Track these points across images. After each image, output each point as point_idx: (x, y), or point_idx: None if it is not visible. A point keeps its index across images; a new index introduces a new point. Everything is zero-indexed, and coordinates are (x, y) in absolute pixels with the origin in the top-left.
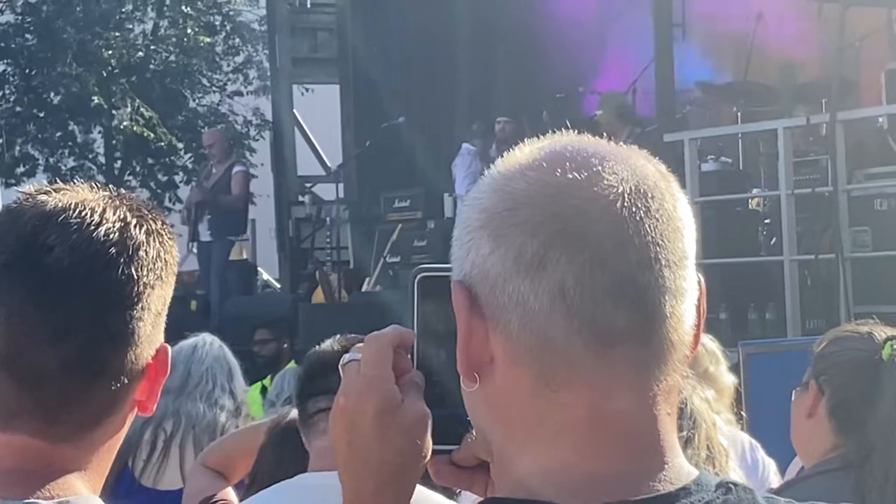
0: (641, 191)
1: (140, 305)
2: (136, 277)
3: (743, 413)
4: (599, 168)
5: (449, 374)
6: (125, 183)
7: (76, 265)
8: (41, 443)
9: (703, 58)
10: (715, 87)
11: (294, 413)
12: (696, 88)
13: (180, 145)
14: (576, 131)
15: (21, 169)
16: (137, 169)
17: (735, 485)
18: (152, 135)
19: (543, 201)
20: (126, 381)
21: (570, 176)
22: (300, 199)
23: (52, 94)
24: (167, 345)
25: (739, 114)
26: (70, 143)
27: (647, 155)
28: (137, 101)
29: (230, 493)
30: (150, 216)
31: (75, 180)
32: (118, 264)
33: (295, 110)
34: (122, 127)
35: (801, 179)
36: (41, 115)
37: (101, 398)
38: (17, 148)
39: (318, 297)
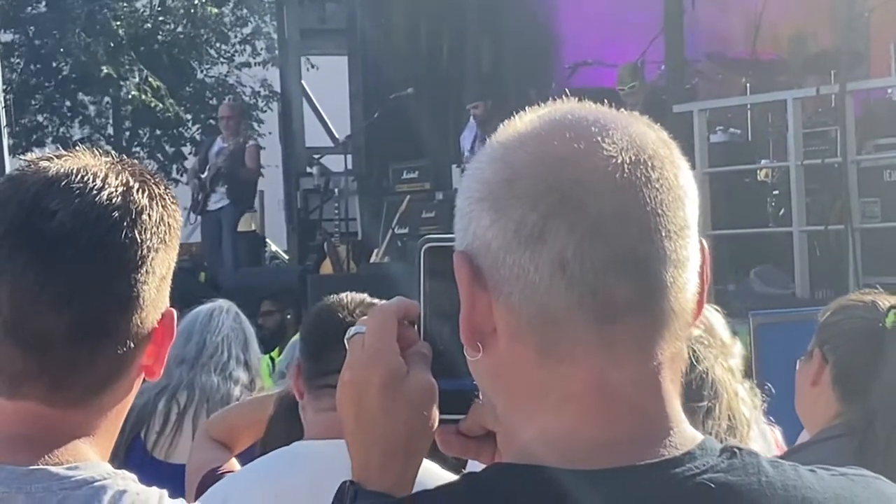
0: (641, 160)
1: (144, 269)
2: (139, 241)
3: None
4: (599, 138)
5: (456, 344)
6: (133, 154)
7: (79, 230)
8: (48, 409)
9: (712, 28)
10: (724, 57)
11: None
12: (704, 59)
13: (188, 116)
14: (578, 100)
15: (30, 139)
16: (145, 140)
17: (740, 449)
18: (160, 105)
19: (543, 173)
20: (132, 345)
21: (569, 146)
22: (308, 170)
23: (60, 65)
24: (173, 309)
25: (748, 85)
26: (78, 114)
27: (648, 122)
28: (146, 71)
29: (235, 464)
30: (152, 181)
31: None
32: (121, 228)
33: (303, 81)
34: (129, 97)
35: (811, 150)
36: (49, 85)
37: (107, 363)
38: (26, 118)
39: (327, 268)
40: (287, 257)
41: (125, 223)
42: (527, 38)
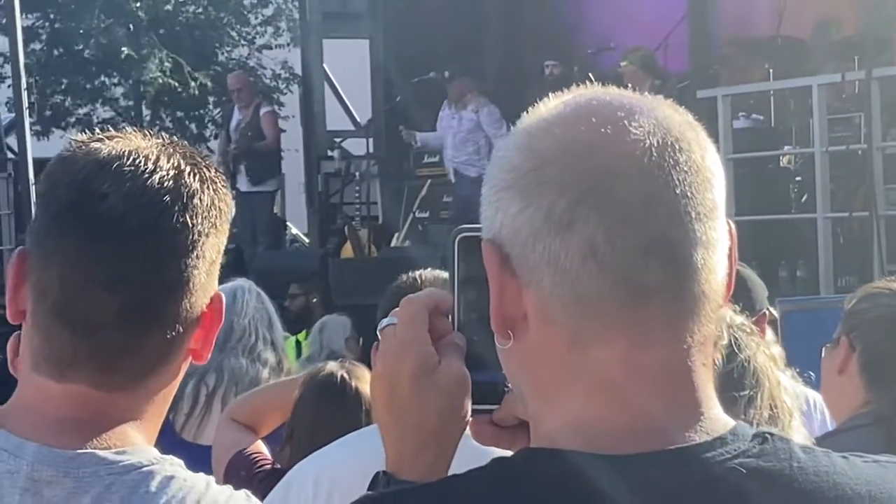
0: (668, 143)
1: (195, 253)
2: (190, 225)
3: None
4: (625, 122)
5: (490, 335)
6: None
7: (130, 213)
8: (96, 392)
9: (735, 13)
10: (747, 43)
11: (330, 366)
12: (727, 44)
13: (211, 98)
14: (601, 85)
15: (53, 121)
16: (167, 122)
17: (772, 434)
18: (183, 83)
19: (570, 159)
20: (181, 329)
21: (596, 131)
22: (329, 153)
23: (81, 48)
24: (221, 293)
25: (771, 71)
26: (100, 96)
27: (673, 104)
28: (165, 51)
29: (261, 445)
30: (203, 164)
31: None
32: (173, 212)
33: (325, 64)
34: (151, 78)
35: (835, 137)
36: (71, 67)
37: (156, 346)
38: (49, 101)
39: (347, 252)
40: (307, 240)
41: (176, 207)
42: (548, 22)
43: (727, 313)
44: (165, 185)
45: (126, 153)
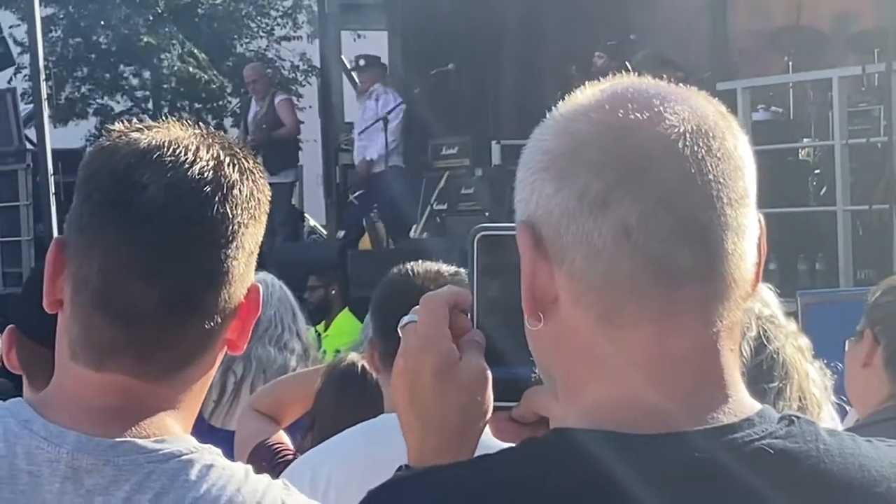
0: (703, 130)
1: (234, 244)
2: (230, 216)
3: None
4: (661, 108)
5: (508, 332)
6: None
7: (171, 203)
8: (135, 381)
9: (754, 5)
10: (766, 35)
11: (351, 357)
12: (746, 36)
13: (229, 88)
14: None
15: (71, 111)
16: (186, 113)
17: (798, 417)
18: (204, 76)
19: (606, 142)
20: (219, 319)
21: (633, 116)
22: (347, 145)
23: (100, 38)
24: (258, 284)
25: (790, 63)
26: (119, 87)
27: (706, 95)
28: (186, 42)
29: (283, 436)
30: (241, 154)
31: (124, 122)
32: (213, 203)
33: (343, 56)
34: (173, 68)
35: (854, 129)
36: (90, 57)
37: (194, 337)
38: (67, 91)
39: (365, 243)
40: (325, 232)
41: (216, 198)
42: (568, 14)
43: (755, 304)
44: (205, 175)
45: (166, 143)
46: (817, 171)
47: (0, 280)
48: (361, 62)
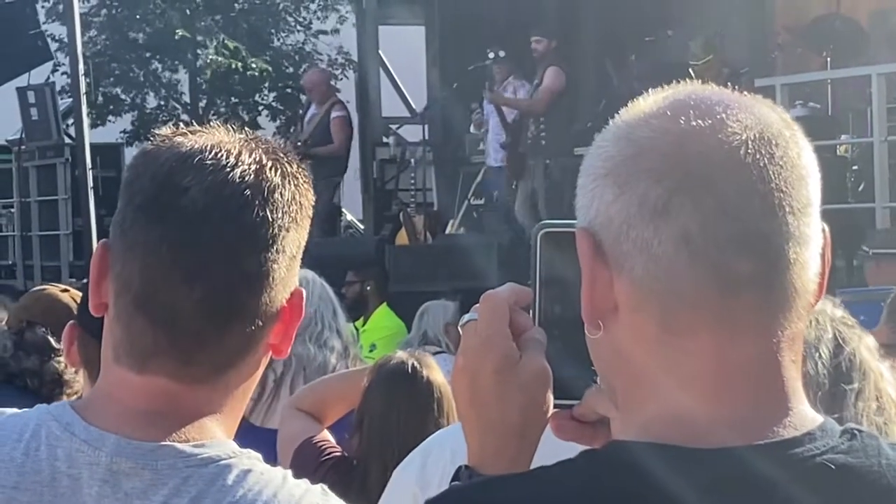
0: (766, 138)
1: (275, 248)
2: (271, 220)
3: None
4: (723, 116)
5: (571, 330)
6: (209, 122)
7: (211, 206)
8: (176, 385)
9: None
10: (804, 31)
11: (400, 355)
12: (784, 32)
13: (266, 84)
14: (666, 75)
15: (107, 109)
16: (221, 108)
17: (860, 431)
18: (241, 65)
19: (668, 148)
20: (261, 323)
21: (695, 123)
22: (384, 140)
23: (137, 34)
24: (302, 289)
25: (829, 59)
26: (155, 84)
27: (770, 103)
28: (223, 35)
29: (327, 434)
30: (285, 159)
31: (160, 119)
32: (253, 206)
33: (380, 51)
34: (208, 61)
35: (893, 126)
36: (126, 55)
37: (236, 340)
38: (104, 88)
39: (402, 238)
40: (362, 227)
41: (257, 201)
42: (607, 9)
43: (827, 307)
44: (247, 179)
45: (208, 147)
46: (855, 168)
47: (39, 274)
48: (501, 53)
